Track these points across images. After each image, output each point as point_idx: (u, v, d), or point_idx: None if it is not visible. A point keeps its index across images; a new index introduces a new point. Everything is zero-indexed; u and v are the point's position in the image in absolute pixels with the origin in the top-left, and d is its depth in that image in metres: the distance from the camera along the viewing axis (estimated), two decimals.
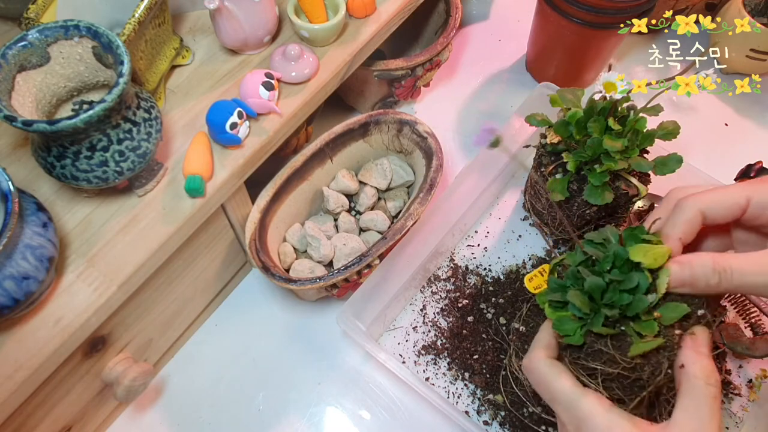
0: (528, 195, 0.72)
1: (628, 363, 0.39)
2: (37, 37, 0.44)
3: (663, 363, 0.39)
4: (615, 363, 0.40)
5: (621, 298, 0.39)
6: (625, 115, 0.57)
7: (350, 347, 0.65)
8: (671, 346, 0.39)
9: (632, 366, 0.39)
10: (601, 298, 0.40)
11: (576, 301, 0.40)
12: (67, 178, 0.45)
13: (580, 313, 0.41)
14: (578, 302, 0.40)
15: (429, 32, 0.81)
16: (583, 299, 0.41)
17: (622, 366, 0.39)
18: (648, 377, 0.39)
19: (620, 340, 0.40)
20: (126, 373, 0.52)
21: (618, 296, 0.40)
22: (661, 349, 0.39)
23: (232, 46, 0.59)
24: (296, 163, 0.63)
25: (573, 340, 0.41)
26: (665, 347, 0.39)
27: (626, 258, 0.40)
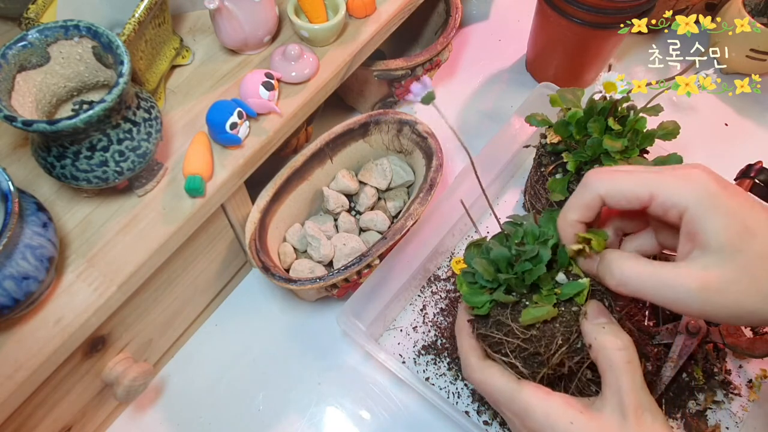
0: (528, 195, 0.72)
1: (524, 334, 0.41)
2: (37, 37, 0.44)
3: (557, 336, 0.41)
4: (513, 334, 0.42)
5: (522, 266, 0.42)
6: (625, 115, 0.57)
7: (350, 347, 0.65)
8: (567, 321, 0.41)
9: (528, 337, 0.41)
10: (507, 270, 0.43)
11: (479, 267, 0.43)
12: (67, 178, 0.45)
13: (484, 281, 0.43)
14: (481, 269, 0.43)
15: (429, 32, 0.81)
16: (487, 267, 0.43)
17: (521, 338, 0.41)
18: (544, 350, 0.41)
19: (520, 312, 0.42)
20: (126, 373, 0.52)
21: (521, 265, 0.42)
22: (554, 321, 0.41)
23: (232, 46, 0.59)
24: (296, 163, 0.63)
25: (479, 311, 0.43)
26: (557, 319, 0.41)
27: (536, 235, 0.43)
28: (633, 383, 0.37)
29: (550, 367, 0.42)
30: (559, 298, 0.42)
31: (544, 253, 0.41)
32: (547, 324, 0.41)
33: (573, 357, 0.42)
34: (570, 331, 0.41)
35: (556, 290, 0.42)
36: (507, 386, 0.41)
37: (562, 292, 0.42)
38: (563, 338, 0.41)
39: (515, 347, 0.42)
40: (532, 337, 0.41)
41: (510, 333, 0.42)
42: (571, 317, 0.41)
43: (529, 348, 0.42)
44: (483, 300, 0.43)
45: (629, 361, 0.38)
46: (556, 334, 0.41)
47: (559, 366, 0.42)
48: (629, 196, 0.37)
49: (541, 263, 0.41)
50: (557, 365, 0.42)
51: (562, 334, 0.41)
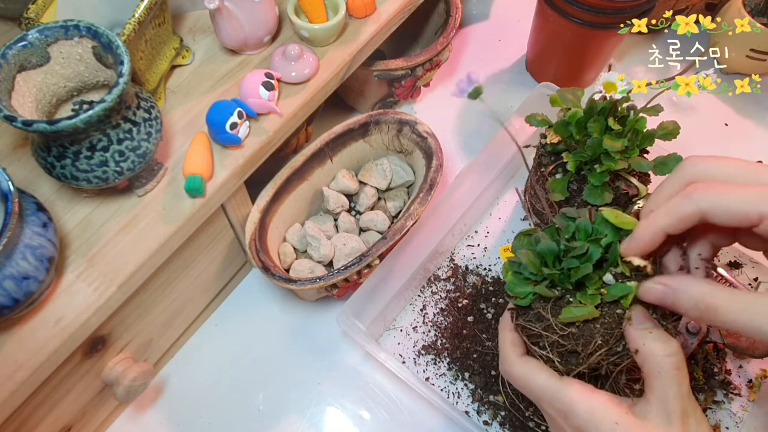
0: (528, 195, 0.72)
1: (563, 330, 0.40)
2: (37, 37, 0.44)
3: (596, 336, 0.40)
4: (552, 329, 0.41)
5: (569, 263, 0.40)
6: (625, 115, 0.57)
7: (350, 347, 0.65)
8: (608, 323, 0.39)
9: (566, 334, 0.40)
10: (554, 264, 0.41)
11: (525, 259, 0.42)
12: (67, 178, 0.45)
13: (528, 273, 0.42)
14: (527, 260, 0.42)
15: (429, 32, 0.81)
16: (533, 259, 0.42)
17: (559, 334, 0.40)
18: (581, 349, 0.40)
19: (561, 308, 0.41)
20: (126, 373, 0.52)
21: (568, 261, 0.40)
22: (594, 322, 0.40)
23: (232, 46, 0.59)
24: (296, 163, 0.63)
25: (521, 302, 0.42)
26: (598, 320, 0.40)
27: (588, 232, 0.41)
28: (680, 390, 0.36)
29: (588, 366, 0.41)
30: (603, 298, 0.40)
31: (594, 252, 0.40)
32: (587, 323, 0.40)
33: (611, 359, 0.41)
34: (610, 334, 0.40)
35: (602, 290, 0.40)
36: (549, 383, 0.40)
37: (608, 293, 0.40)
38: (602, 339, 0.40)
39: (552, 342, 0.41)
40: (570, 335, 0.40)
41: (549, 328, 0.41)
42: (613, 320, 0.40)
43: (567, 345, 0.40)
44: (526, 291, 0.42)
45: (678, 367, 0.36)
46: (595, 334, 0.40)
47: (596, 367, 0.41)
48: (738, 215, 0.33)
49: (589, 262, 0.40)
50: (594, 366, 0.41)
51: (601, 336, 0.40)
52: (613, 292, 0.40)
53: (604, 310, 0.40)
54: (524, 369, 0.41)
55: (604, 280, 0.40)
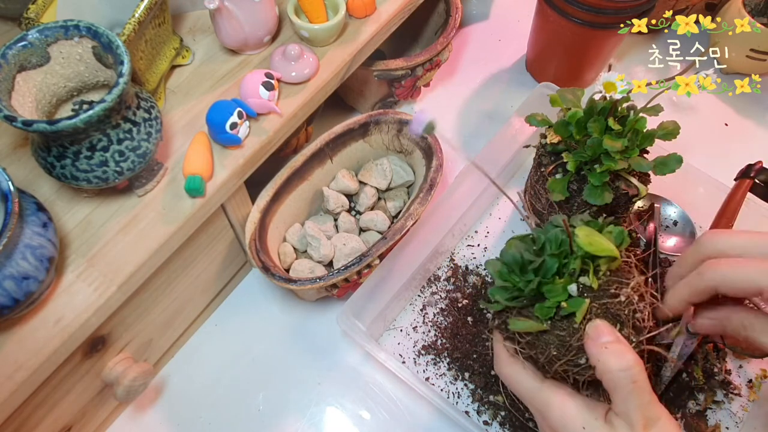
0: (528, 195, 0.72)
1: (522, 338, 0.42)
2: (37, 37, 0.44)
3: (549, 347, 0.41)
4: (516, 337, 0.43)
5: (528, 276, 0.42)
6: (625, 115, 0.57)
7: (350, 347, 0.65)
8: (563, 336, 0.41)
9: (526, 342, 0.42)
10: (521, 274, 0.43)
11: (491, 268, 0.44)
12: (67, 178, 0.45)
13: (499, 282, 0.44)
14: (492, 270, 0.44)
15: (429, 32, 0.81)
16: (500, 269, 0.43)
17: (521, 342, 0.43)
18: (537, 357, 0.42)
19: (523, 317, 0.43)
20: (126, 373, 0.52)
21: (528, 274, 0.42)
22: (548, 334, 0.41)
23: (232, 46, 0.59)
24: (296, 163, 0.63)
25: (494, 306, 0.44)
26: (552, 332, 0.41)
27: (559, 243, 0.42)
28: (639, 402, 0.37)
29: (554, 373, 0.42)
30: (560, 312, 0.41)
31: (551, 266, 0.41)
32: (541, 334, 0.42)
33: (574, 369, 0.42)
34: (565, 346, 0.41)
35: (563, 303, 0.41)
36: (531, 384, 0.42)
37: (567, 306, 0.41)
38: (557, 351, 0.41)
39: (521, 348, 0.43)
40: (528, 344, 0.42)
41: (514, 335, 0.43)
42: (567, 332, 0.41)
43: (527, 352, 0.42)
44: (500, 297, 0.44)
45: (634, 380, 0.37)
46: (549, 345, 0.41)
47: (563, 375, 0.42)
48: (742, 289, 0.39)
49: (541, 276, 0.41)
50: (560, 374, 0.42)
51: (555, 347, 0.41)
52: (570, 306, 0.41)
53: (559, 323, 0.41)
54: (511, 369, 0.44)
55: (569, 290, 0.41)
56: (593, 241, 0.41)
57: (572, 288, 0.41)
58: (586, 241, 0.41)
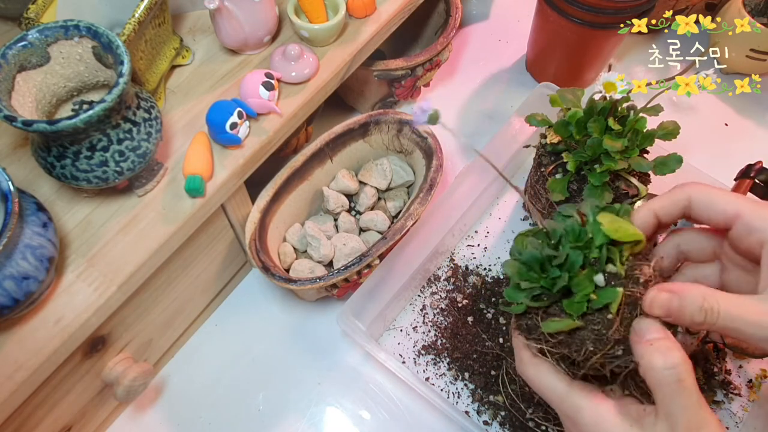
0: (528, 195, 0.72)
1: (553, 338, 0.40)
2: (37, 37, 0.44)
3: (586, 343, 0.39)
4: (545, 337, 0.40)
5: (552, 272, 0.39)
6: (625, 115, 0.57)
7: (350, 347, 0.65)
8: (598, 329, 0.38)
9: (558, 341, 0.40)
10: (541, 272, 0.40)
11: (509, 269, 0.41)
12: (67, 178, 0.45)
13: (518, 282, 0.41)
14: (512, 271, 0.41)
15: (429, 32, 0.81)
16: (519, 269, 0.41)
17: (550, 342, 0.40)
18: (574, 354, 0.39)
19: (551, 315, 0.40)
20: (126, 373, 0.52)
21: (551, 270, 0.40)
22: (582, 330, 0.39)
23: (232, 46, 0.59)
24: (296, 163, 0.63)
25: (515, 309, 0.42)
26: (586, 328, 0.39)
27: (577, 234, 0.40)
28: (685, 403, 0.35)
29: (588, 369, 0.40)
30: (591, 305, 0.39)
31: (576, 259, 0.39)
32: (575, 331, 0.39)
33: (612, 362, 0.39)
34: (601, 340, 0.38)
35: (592, 295, 0.39)
36: (559, 387, 0.40)
37: (597, 298, 0.38)
38: (593, 346, 0.39)
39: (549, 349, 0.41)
40: (561, 342, 0.40)
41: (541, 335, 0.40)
42: (602, 325, 0.38)
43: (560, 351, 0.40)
44: (519, 298, 0.41)
45: (680, 380, 0.35)
46: (585, 341, 0.39)
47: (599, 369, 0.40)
48: (716, 209, 0.37)
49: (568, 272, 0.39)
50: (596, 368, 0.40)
51: (592, 342, 0.39)
52: (601, 298, 0.39)
53: (592, 317, 0.39)
54: (536, 371, 0.41)
55: (595, 281, 0.39)
56: (618, 227, 0.39)
57: (599, 278, 0.39)
58: (611, 228, 0.38)
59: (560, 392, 0.39)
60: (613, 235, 0.38)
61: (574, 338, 0.39)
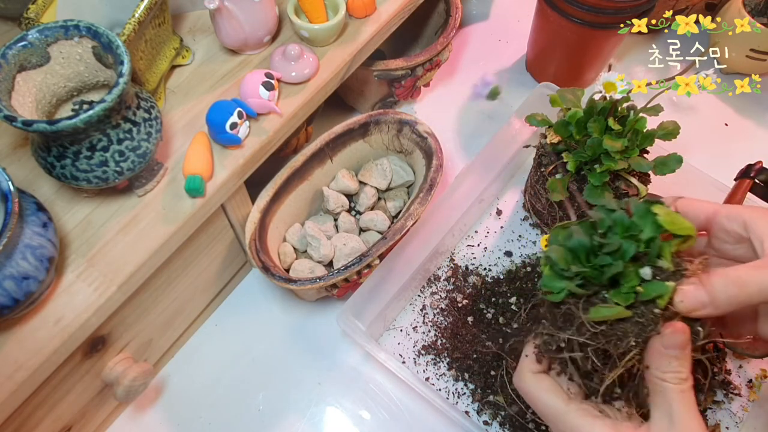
0: (528, 195, 0.72)
1: (594, 328, 0.39)
2: (37, 37, 0.44)
3: (629, 336, 0.38)
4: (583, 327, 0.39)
5: (602, 260, 0.39)
6: (625, 115, 0.57)
7: (350, 347, 0.65)
8: (643, 323, 0.38)
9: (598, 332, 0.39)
10: (587, 260, 0.40)
11: (555, 254, 0.40)
12: (67, 178, 0.45)
13: (560, 270, 0.40)
14: (557, 256, 0.40)
15: (429, 32, 0.81)
16: (564, 255, 0.40)
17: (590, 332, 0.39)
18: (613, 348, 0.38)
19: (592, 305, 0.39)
20: (126, 373, 0.52)
21: (600, 258, 0.39)
22: (626, 321, 0.38)
23: (232, 46, 0.59)
24: (296, 163, 0.63)
25: (554, 297, 0.41)
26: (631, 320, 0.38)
27: (626, 226, 0.39)
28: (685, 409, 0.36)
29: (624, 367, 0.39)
30: (638, 297, 0.38)
31: (628, 249, 0.38)
32: (619, 322, 0.38)
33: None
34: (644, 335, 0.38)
35: (638, 288, 0.38)
36: (556, 405, 0.40)
37: (644, 290, 0.38)
38: (635, 340, 0.38)
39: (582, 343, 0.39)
40: (600, 334, 0.38)
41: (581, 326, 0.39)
42: (648, 319, 0.38)
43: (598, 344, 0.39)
44: (560, 286, 0.40)
45: (683, 390, 0.36)
46: (628, 334, 0.38)
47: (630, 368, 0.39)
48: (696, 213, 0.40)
49: (621, 259, 0.38)
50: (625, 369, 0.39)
51: (635, 335, 0.38)
52: (649, 290, 0.37)
53: (638, 310, 0.38)
54: (534, 387, 0.41)
55: (641, 274, 0.38)
56: (674, 220, 0.38)
57: (645, 271, 0.38)
58: (667, 220, 0.38)
59: (557, 411, 0.40)
60: (669, 227, 0.38)
61: (615, 330, 0.38)
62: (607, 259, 0.39)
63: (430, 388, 0.59)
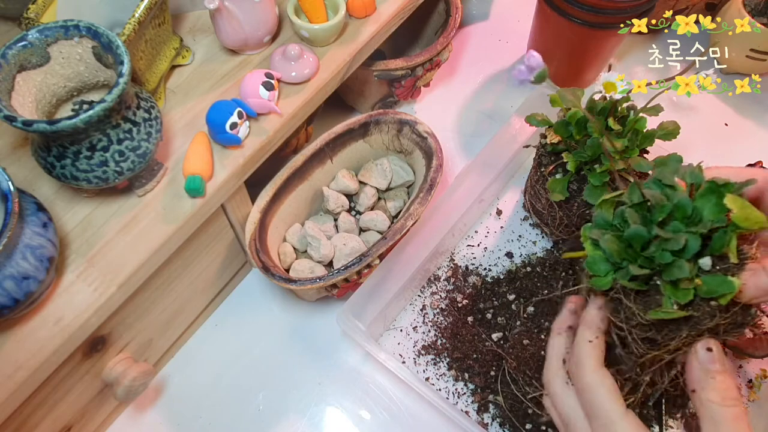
0: (528, 195, 0.72)
1: (645, 322, 0.36)
2: (37, 37, 0.44)
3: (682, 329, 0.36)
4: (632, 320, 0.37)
5: (662, 257, 0.35)
6: (625, 115, 0.57)
7: (350, 347, 0.65)
8: (699, 317, 0.35)
9: (648, 324, 0.36)
10: (642, 250, 0.36)
11: (609, 247, 0.36)
12: (67, 178, 0.45)
13: (612, 260, 0.37)
14: (611, 249, 0.36)
15: (429, 32, 0.81)
16: (619, 247, 0.37)
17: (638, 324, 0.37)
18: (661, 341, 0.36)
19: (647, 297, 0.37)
20: (126, 373, 0.52)
21: (660, 254, 0.35)
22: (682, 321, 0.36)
23: (232, 46, 0.59)
24: (296, 163, 0.63)
25: (599, 282, 0.37)
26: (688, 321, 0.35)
27: (687, 214, 0.35)
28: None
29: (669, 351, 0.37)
30: (697, 291, 0.35)
31: (693, 244, 0.34)
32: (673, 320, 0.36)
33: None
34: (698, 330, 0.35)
35: (697, 281, 0.35)
36: (613, 409, 0.37)
37: (703, 284, 0.35)
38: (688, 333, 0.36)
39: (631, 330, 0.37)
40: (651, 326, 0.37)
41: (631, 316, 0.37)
42: (704, 314, 0.35)
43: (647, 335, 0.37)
44: (606, 269, 0.37)
45: (736, 418, 0.34)
46: (682, 327, 0.36)
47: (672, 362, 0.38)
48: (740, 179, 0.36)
49: (683, 257, 0.35)
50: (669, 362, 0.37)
51: (688, 328, 0.35)
52: (710, 286, 0.34)
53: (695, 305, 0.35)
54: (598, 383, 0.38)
55: (701, 264, 0.35)
56: (749, 215, 0.34)
57: (705, 262, 0.35)
58: (742, 215, 0.34)
59: (614, 416, 0.37)
60: (742, 224, 0.34)
61: (668, 326, 0.36)
62: (667, 255, 0.35)
63: (430, 388, 0.59)
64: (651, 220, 0.37)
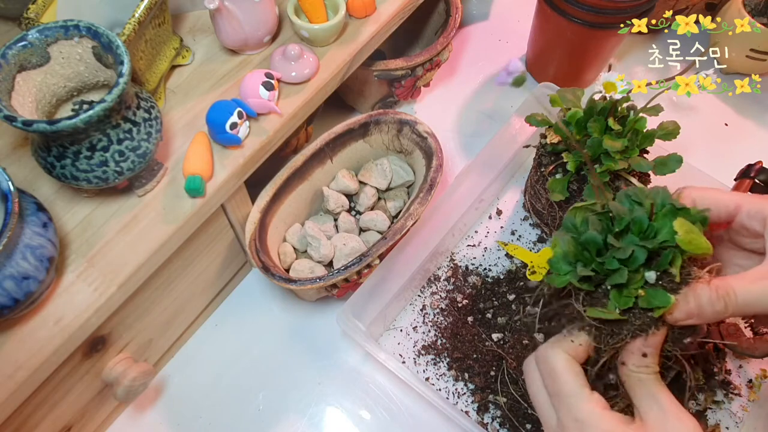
0: (528, 195, 0.72)
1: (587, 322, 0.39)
2: (37, 37, 0.44)
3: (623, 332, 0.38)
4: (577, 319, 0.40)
5: (610, 263, 0.38)
6: (625, 115, 0.57)
7: (350, 347, 0.65)
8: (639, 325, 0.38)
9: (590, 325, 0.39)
10: (598, 255, 0.39)
11: (567, 248, 0.40)
12: (67, 178, 0.45)
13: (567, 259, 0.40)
14: (568, 250, 0.40)
15: (429, 32, 0.81)
16: (575, 249, 0.40)
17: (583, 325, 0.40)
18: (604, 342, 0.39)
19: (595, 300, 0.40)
20: (126, 373, 0.52)
21: (609, 261, 0.38)
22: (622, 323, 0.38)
23: (232, 46, 0.59)
24: (296, 163, 0.63)
25: (555, 280, 0.40)
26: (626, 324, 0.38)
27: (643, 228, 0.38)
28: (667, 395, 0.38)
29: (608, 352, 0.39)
30: (638, 301, 0.38)
31: (639, 256, 0.37)
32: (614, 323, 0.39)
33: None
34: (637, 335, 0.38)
35: (641, 291, 0.38)
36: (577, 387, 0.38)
37: (645, 295, 0.38)
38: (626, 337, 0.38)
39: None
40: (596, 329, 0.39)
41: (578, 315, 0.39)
42: (644, 323, 0.38)
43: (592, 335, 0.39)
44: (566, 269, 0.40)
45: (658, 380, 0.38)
46: (623, 330, 0.38)
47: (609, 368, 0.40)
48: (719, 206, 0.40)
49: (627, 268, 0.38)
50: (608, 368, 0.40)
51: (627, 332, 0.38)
52: (650, 298, 0.37)
53: (634, 312, 0.38)
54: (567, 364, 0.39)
55: (646, 276, 0.38)
56: (692, 240, 0.37)
57: (650, 275, 0.38)
58: (686, 239, 0.37)
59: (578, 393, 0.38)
60: (686, 247, 0.37)
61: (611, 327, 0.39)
62: (614, 263, 0.38)
63: (430, 388, 0.59)
64: (610, 230, 0.40)
